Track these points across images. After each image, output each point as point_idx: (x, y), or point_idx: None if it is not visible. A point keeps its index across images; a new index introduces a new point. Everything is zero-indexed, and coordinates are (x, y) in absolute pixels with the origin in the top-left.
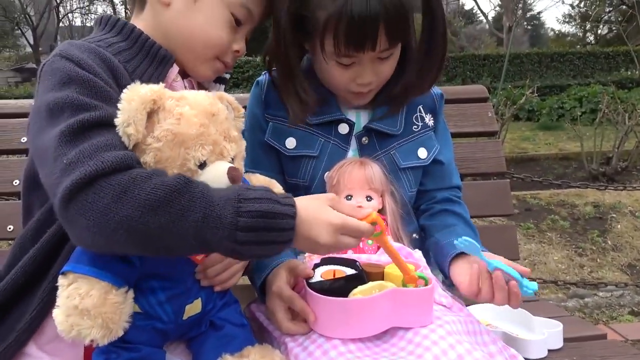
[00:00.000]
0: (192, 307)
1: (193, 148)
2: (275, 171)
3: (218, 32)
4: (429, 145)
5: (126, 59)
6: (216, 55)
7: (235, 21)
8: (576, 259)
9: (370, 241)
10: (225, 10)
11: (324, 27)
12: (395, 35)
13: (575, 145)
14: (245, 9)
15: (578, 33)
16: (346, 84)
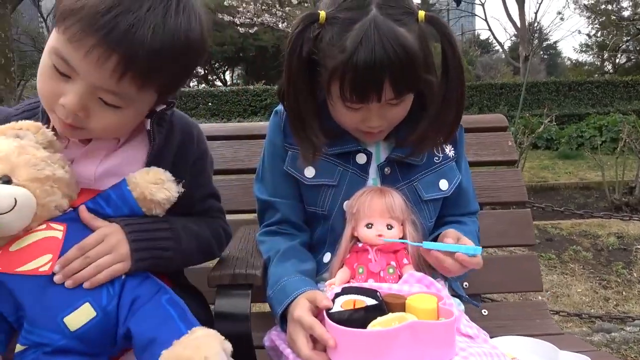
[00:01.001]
0: (76, 316)
1: None
2: (295, 199)
3: (41, 79)
4: (450, 177)
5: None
6: (48, 107)
7: (57, 71)
8: (600, 292)
9: (391, 269)
10: (48, 57)
11: (330, 75)
12: (402, 87)
13: (596, 174)
14: (59, 58)
15: (596, 62)
16: (355, 124)
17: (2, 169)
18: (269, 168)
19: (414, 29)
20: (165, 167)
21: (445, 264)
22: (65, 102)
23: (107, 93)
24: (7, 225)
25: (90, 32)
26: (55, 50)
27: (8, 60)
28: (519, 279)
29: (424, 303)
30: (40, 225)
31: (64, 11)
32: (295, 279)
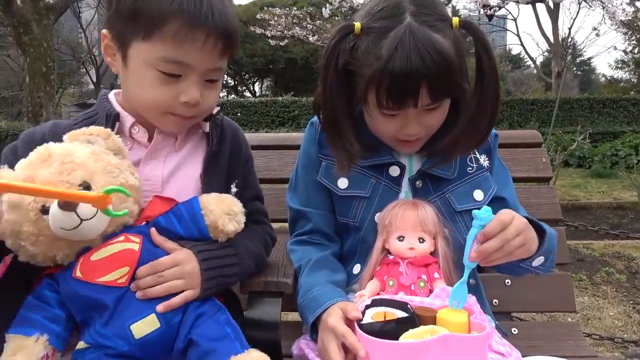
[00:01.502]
0: (141, 326)
1: (27, 202)
2: (327, 209)
3: (150, 91)
4: (485, 187)
5: (87, 124)
6: (163, 111)
7: (169, 75)
8: (635, 316)
9: (422, 283)
10: (150, 69)
11: (367, 83)
12: (438, 92)
13: (632, 194)
14: (170, 63)
15: (632, 79)
16: (392, 133)
17: (82, 176)
18: (302, 178)
19: (449, 35)
20: (222, 168)
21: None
22: (189, 97)
23: (215, 71)
24: (88, 231)
25: (199, 25)
26: (162, 58)
27: (49, 69)
28: (551, 299)
29: (456, 316)
30: (119, 237)
31: (156, 19)
32: (327, 288)
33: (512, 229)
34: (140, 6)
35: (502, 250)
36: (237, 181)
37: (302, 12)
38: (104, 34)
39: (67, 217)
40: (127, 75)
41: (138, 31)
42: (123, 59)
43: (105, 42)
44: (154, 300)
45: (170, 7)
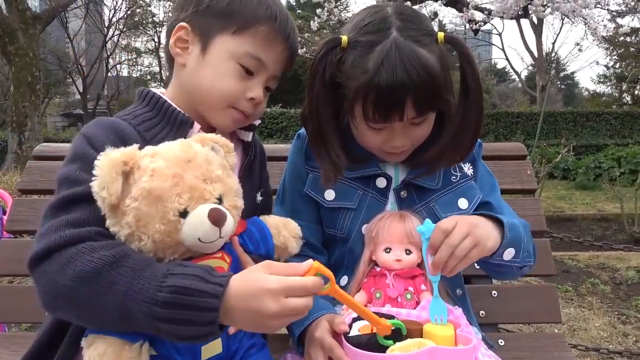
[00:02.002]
0: (209, 348)
1: (169, 200)
2: (314, 221)
3: (227, 82)
4: (469, 195)
5: (148, 127)
6: (229, 104)
7: (246, 71)
8: (619, 327)
9: (409, 295)
10: (232, 61)
11: (354, 96)
12: (424, 106)
13: (615, 206)
14: (253, 58)
15: (614, 93)
16: (379, 145)
17: (220, 190)
18: (289, 190)
19: (435, 50)
20: (255, 176)
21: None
22: (256, 94)
23: (275, 80)
24: (216, 246)
25: (284, 35)
26: (248, 53)
27: (35, 78)
28: (537, 310)
29: (442, 329)
30: (217, 252)
31: (253, 19)
32: (314, 301)
33: (457, 234)
34: (237, 6)
35: (455, 257)
36: (263, 190)
37: None
38: (182, 27)
39: (213, 232)
40: (202, 66)
41: (229, 26)
42: (202, 50)
43: (179, 34)
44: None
45: (265, 12)
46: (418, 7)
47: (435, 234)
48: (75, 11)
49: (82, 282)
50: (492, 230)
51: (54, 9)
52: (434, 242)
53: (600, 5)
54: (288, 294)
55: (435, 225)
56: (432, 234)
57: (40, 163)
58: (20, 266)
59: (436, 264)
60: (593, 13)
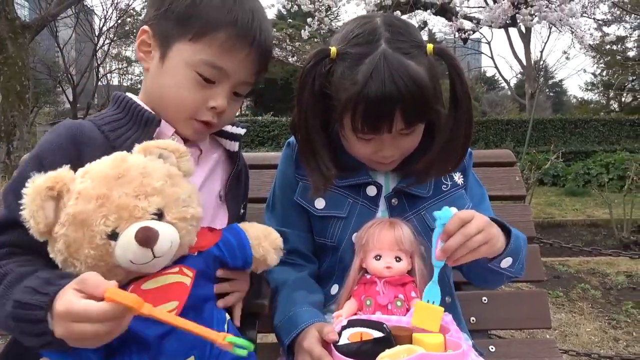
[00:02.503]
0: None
1: (94, 223)
2: (304, 230)
3: (184, 92)
4: (459, 204)
5: (114, 127)
6: (190, 116)
7: (205, 79)
8: (610, 332)
9: (399, 302)
10: (189, 70)
11: (343, 108)
12: (412, 117)
13: (604, 212)
14: (211, 67)
15: (602, 100)
16: (368, 155)
17: (158, 203)
18: (279, 198)
19: (423, 62)
20: (241, 188)
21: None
22: (217, 103)
23: (245, 85)
24: (156, 266)
25: (246, 39)
26: (204, 61)
27: (24, 87)
28: (527, 316)
29: (432, 336)
30: (173, 267)
31: (210, 25)
32: (303, 309)
33: (473, 225)
34: (196, 10)
35: (465, 247)
36: (245, 203)
37: (282, 34)
38: (144, 30)
39: (143, 253)
40: (161, 74)
41: (186, 33)
42: (161, 57)
43: (142, 37)
44: (195, 343)
45: (225, 16)
46: (408, 16)
47: (453, 220)
48: (65, 20)
49: None
50: (501, 235)
51: (43, 18)
52: (450, 228)
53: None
54: (73, 320)
55: (453, 213)
56: (450, 220)
57: None
58: None
59: (446, 249)
60: (579, 22)
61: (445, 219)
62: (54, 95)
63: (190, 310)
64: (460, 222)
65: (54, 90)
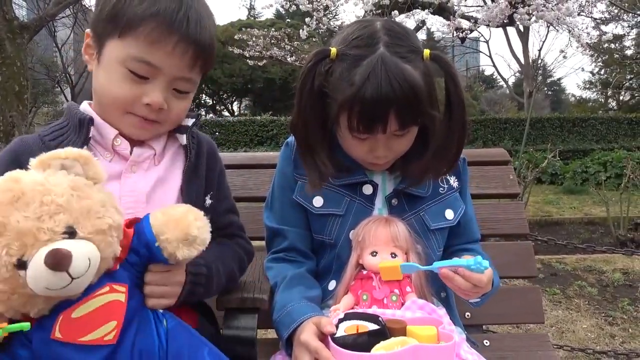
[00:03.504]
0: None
1: None
2: (302, 227)
3: (117, 88)
4: (455, 206)
5: (55, 136)
6: (125, 110)
7: (136, 75)
8: (606, 328)
9: (394, 297)
10: (120, 66)
11: (339, 108)
12: (406, 119)
13: (601, 210)
14: (140, 62)
15: (600, 99)
16: (362, 155)
17: (66, 220)
18: (278, 197)
19: (420, 66)
20: (200, 180)
21: (454, 281)
22: (152, 100)
23: (183, 81)
24: (76, 288)
25: (172, 31)
26: (133, 57)
27: (22, 87)
28: (521, 311)
29: (425, 328)
30: (102, 287)
31: (133, 20)
32: (301, 304)
33: (483, 288)
34: (121, 8)
35: (461, 290)
36: (212, 193)
37: (280, 33)
38: (87, 34)
39: (57, 278)
40: (98, 72)
41: (115, 30)
42: (98, 57)
43: (87, 41)
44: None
45: (147, 10)
46: (405, 15)
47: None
48: (64, 20)
49: None
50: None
51: (42, 18)
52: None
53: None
54: None
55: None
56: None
57: None
58: None
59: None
60: (577, 21)
61: (476, 268)
62: (53, 96)
63: (129, 323)
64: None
65: (53, 91)
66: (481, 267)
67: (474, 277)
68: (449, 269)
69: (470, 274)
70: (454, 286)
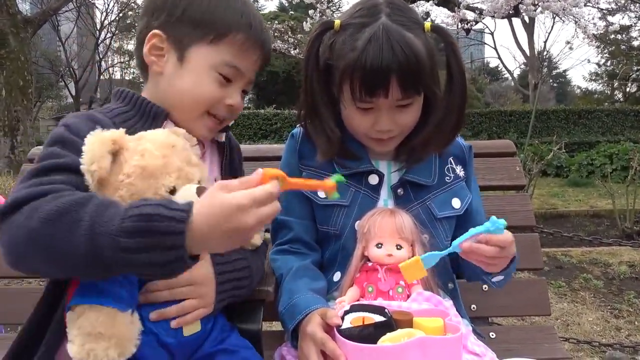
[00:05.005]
0: (190, 327)
1: (161, 177)
2: (307, 219)
3: (206, 89)
4: (461, 195)
5: (123, 119)
6: (206, 110)
7: (224, 78)
8: (612, 321)
9: (400, 288)
10: (211, 70)
11: (342, 74)
12: (408, 86)
13: (607, 202)
14: (230, 67)
15: (606, 90)
16: (366, 129)
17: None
18: None
19: (421, 37)
20: (234, 172)
21: (480, 250)
22: (234, 101)
23: (251, 84)
24: None
25: (259, 42)
26: (225, 62)
27: (26, 82)
28: (527, 304)
29: (431, 320)
30: None
31: (227, 28)
32: (307, 296)
33: (509, 250)
34: (213, 15)
35: (488, 258)
36: None
37: (284, 26)
38: (155, 34)
39: None
40: (180, 75)
41: (205, 36)
42: (179, 59)
43: (153, 41)
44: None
45: (240, 20)
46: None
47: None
48: (67, 14)
49: (49, 223)
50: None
51: (45, 13)
52: (497, 241)
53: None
54: (258, 205)
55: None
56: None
57: None
58: None
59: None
60: (583, 11)
61: (496, 228)
62: (57, 90)
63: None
64: (505, 244)
65: (57, 85)
66: (500, 226)
67: (497, 239)
68: (467, 243)
69: (491, 237)
70: (480, 258)
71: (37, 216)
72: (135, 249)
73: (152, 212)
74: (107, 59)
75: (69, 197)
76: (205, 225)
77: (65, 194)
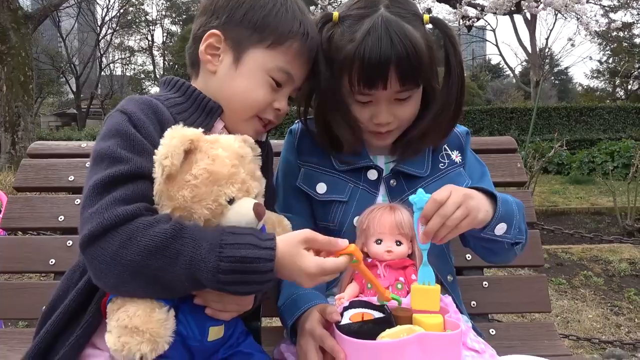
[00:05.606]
0: (215, 331)
1: (225, 185)
2: (306, 215)
3: (259, 92)
4: (458, 182)
5: (179, 110)
6: (256, 114)
7: (276, 83)
8: (612, 318)
9: (399, 285)
10: (265, 74)
11: (340, 66)
12: (407, 78)
13: (608, 200)
14: (284, 72)
15: (607, 88)
16: (365, 122)
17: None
18: (282, 184)
19: (420, 29)
20: (269, 170)
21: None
22: (282, 105)
23: (298, 91)
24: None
25: (310, 52)
26: (280, 68)
27: (27, 78)
28: (527, 300)
29: (431, 316)
30: None
31: (286, 35)
32: (306, 292)
33: (451, 204)
34: (273, 21)
35: (446, 227)
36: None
37: None
38: (214, 34)
39: (254, 223)
40: (235, 76)
41: (264, 40)
42: (235, 61)
43: (210, 41)
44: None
45: (299, 28)
46: None
47: (429, 204)
48: (68, 10)
49: (150, 256)
50: (485, 203)
51: (46, 8)
52: (427, 212)
53: (592, 0)
54: (323, 274)
55: (429, 196)
56: (426, 204)
57: (34, 161)
58: (16, 263)
59: (427, 233)
60: (585, 8)
61: (422, 203)
62: (58, 86)
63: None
64: (436, 205)
65: (58, 81)
66: (422, 197)
67: (427, 209)
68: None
69: (423, 214)
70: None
71: (135, 249)
72: (231, 282)
73: (246, 255)
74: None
75: (162, 228)
76: (279, 265)
77: (152, 221)
